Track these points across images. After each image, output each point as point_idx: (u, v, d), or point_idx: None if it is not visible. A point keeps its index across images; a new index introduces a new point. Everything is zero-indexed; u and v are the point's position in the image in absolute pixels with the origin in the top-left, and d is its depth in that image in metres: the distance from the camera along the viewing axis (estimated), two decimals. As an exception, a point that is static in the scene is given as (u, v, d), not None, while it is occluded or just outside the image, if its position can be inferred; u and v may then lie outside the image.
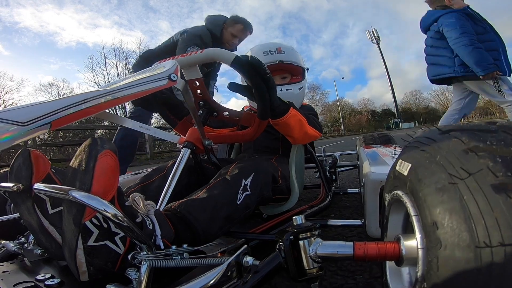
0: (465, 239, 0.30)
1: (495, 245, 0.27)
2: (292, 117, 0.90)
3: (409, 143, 0.49)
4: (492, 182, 0.30)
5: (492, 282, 0.27)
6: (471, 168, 0.32)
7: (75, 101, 0.46)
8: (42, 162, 0.54)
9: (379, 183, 0.85)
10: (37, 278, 0.49)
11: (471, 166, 0.32)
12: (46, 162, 0.55)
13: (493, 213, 0.28)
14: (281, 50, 1.23)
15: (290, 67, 1.24)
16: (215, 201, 0.67)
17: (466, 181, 0.32)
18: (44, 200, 0.53)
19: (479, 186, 0.30)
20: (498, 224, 0.28)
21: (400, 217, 0.55)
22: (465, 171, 0.32)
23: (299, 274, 0.49)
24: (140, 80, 0.58)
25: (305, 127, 0.95)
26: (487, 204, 0.29)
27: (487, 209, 0.29)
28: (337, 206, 1.62)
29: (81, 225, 0.43)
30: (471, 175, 0.31)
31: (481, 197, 0.30)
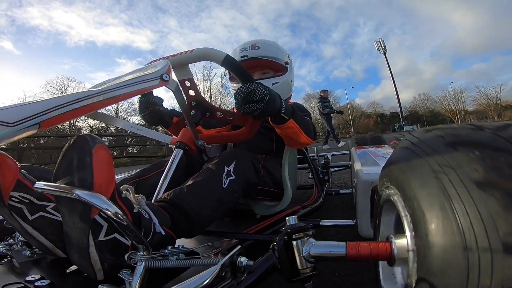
0: (453, 239, 0.30)
1: (481, 244, 0.28)
2: (288, 128, 0.89)
3: (400, 144, 0.49)
4: (474, 177, 0.31)
5: (480, 280, 0.28)
6: (454, 164, 0.33)
7: (65, 101, 0.45)
8: (8, 168, 0.51)
9: (370, 183, 0.86)
10: (26, 279, 0.48)
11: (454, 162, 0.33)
12: (12, 167, 0.52)
13: (478, 211, 0.29)
14: (255, 46, 1.21)
15: (268, 62, 1.22)
16: (201, 186, 0.70)
17: (450, 178, 0.33)
18: (21, 208, 0.52)
19: (462, 182, 0.31)
20: (483, 223, 0.28)
21: (392, 217, 0.55)
22: (449, 167, 0.33)
23: (293, 274, 0.50)
24: (132, 80, 0.57)
25: (300, 138, 0.94)
26: (471, 202, 0.30)
27: (471, 207, 0.30)
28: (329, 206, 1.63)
29: (91, 220, 0.43)
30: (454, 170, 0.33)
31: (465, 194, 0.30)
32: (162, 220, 0.55)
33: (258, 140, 1.16)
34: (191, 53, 0.77)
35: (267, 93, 0.77)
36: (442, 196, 0.32)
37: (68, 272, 0.53)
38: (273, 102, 0.79)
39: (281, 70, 1.25)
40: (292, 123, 0.88)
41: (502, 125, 0.35)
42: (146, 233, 0.50)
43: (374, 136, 2.22)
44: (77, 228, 0.44)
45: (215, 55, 0.76)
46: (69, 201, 0.44)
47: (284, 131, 0.91)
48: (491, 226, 0.28)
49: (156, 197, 0.69)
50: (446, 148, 0.36)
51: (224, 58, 0.76)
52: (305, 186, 1.86)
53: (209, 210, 0.68)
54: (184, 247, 0.50)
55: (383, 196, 0.53)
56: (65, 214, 0.46)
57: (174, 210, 0.61)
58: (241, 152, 0.89)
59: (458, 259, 0.29)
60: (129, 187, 0.53)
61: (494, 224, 0.28)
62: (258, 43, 1.22)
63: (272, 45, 1.26)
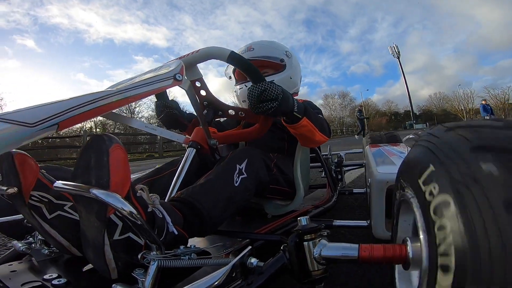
0: (467, 245, 0.29)
1: (496, 252, 0.26)
2: (303, 127, 0.88)
3: (417, 142, 0.47)
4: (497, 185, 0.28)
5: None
6: (474, 170, 0.31)
7: (82, 102, 0.46)
8: (28, 168, 0.53)
9: (385, 183, 0.84)
10: (44, 278, 0.50)
11: (475, 168, 0.31)
12: (32, 167, 0.54)
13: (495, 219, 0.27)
14: (250, 48, 1.21)
15: (262, 62, 1.21)
16: (213, 184, 0.70)
17: (472, 190, 0.30)
18: (40, 207, 0.54)
19: (484, 190, 0.29)
20: (500, 231, 0.27)
21: (410, 219, 0.53)
22: (468, 175, 0.31)
23: (303, 276, 0.49)
24: (146, 80, 0.58)
25: (315, 136, 0.92)
26: (490, 210, 0.28)
27: (489, 215, 0.28)
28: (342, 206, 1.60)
29: (107, 219, 0.44)
30: (475, 180, 0.30)
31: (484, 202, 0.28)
32: (175, 220, 0.56)
33: (270, 139, 1.15)
34: (197, 53, 0.78)
35: (280, 91, 0.76)
36: (459, 201, 0.31)
37: (84, 271, 0.55)
38: (286, 101, 0.78)
39: (278, 68, 1.24)
40: (305, 121, 0.87)
41: None
42: (159, 232, 0.51)
43: (390, 134, 2.17)
44: (93, 227, 0.45)
45: (219, 53, 0.77)
46: (86, 200, 0.45)
47: (298, 130, 0.89)
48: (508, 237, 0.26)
49: (169, 196, 0.70)
50: (468, 153, 0.33)
51: (229, 54, 0.76)
52: (318, 185, 1.84)
53: (221, 208, 0.68)
54: (196, 246, 0.51)
55: (400, 197, 0.52)
56: (82, 213, 0.47)
57: (187, 209, 0.62)
58: (253, 151, 0.89)
59: (471, 266, 0.28)
60: (144, 187, 0.54)
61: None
62: (253, 45, 1.23)
63: (266, 45, 1.26)
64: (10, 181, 0.52)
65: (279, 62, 1.23)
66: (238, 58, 0.77)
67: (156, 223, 0.51)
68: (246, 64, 0.78)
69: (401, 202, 0.52)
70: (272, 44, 1.28)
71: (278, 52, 1.24)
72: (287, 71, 1.24)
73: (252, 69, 0.78)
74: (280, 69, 1.23)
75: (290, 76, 1.25)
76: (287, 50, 1.27)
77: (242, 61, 0.78)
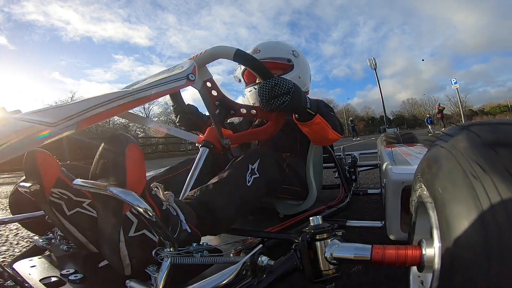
0: (480, 248, 0.28)
1: (509, 257, 0.25)
2: (316, 124, 0.87)
3: (434, 142, 0.46)
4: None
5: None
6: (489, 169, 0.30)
7: (100, 102, 0.48)
8: (50, 166, 0.55)
9: (401, 183, 0.82)
10: (62, 273, 0.52)
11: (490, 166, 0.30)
12: (54, 165, 0.56)
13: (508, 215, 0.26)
14: (257, 50, 1.19)
15: (270, 64, 1.18)
16: (226, 184, 0.71)
17: (485, 185, 0.29)
18: (60, 204, 0.56)
19: (498, 190, 0.28)
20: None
21: (427, 220, 0.52)
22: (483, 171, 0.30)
23: (314, 276, 0.49)
24: (160, 81, 0.60)
25: (328, 134, 0.91)
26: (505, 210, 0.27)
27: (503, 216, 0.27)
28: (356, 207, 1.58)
29: (122, 216, 0.46)
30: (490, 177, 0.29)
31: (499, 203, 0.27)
32: (189, 218, 0.57)
33: (282, 139, 1.15)
34: (204, 54, 0.78)
35: (292, 85, 0.75)
36: (473, 203, 0.30)
37: (99, 267, 0.57)
38: (299, 95, 0.77)
39: (286, 68, 1.21)
40: (319, 118, 0.86)
41: None
42: (173, 229, 0.52)
43: (406, 134, 2.11)
44: (110, 224, 0.47)
45: (225, 51, 0.77)
46: (103, 198, 0.47)
47: (311, 127, 0.88)
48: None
49: (183, 195, 0.71)
50: (482, 150, 0.32)
51: (235, 52, 0.76)
52: (331, 186, 1.81)
53: (234, 208, 0.69)
54: (208, 244, 0.52)
55: (417, 198, 0.50)
56: (99, 210, 0.49)
57: (200, 207, 0.63)
58: (266, 151, 0.89)
59: (484, 270, 0.27)
60: (159, 185, 0.55)
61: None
62: (260, 47, 1.21)
63: (272, 46, 1.24)
64: (32, 178, 0.55)
65: (286, 63, 1.21)
66: (244, 55, 0.77)
67: (170, 221, 0.52)
68: (253, 61, 0.78)
69: (418, 203, 0.51)
70: (278, 44, 1.26)
71: (285, 53, 1.22)
72: (295, 70, 1.21)
73: (259, 66, 0.78)
74: (288, 69, 1.21)
75: (299, 76, 1.23)
76: (294, 49, 1.25)
77: (249, 58, 0.77)
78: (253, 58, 0.79)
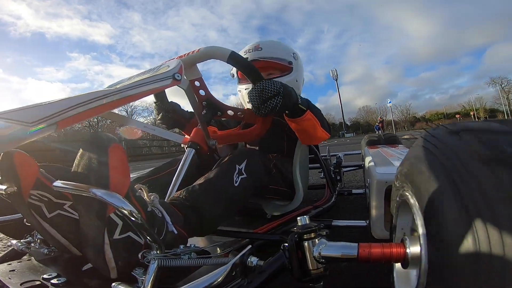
0: (467, 243, 0.29)
1: (495, 250, 0.26)
2: (306, 120, 0.88)
3: (416, 142, 0.48)
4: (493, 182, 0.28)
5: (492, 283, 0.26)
6: (472, 168, 0.31)
7: (81, 101, 0.46)
8: (28, 167, 0.53)
9: (384, 183, 0.84)
10: (43, 277, 0.50)
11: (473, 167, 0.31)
12: (32, 166, 0.53)
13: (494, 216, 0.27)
14: (258, 47, 1.17)
15: (270, 63, 1.17)
16: (213, 184, 0.70)
17: (468, 182, 0.31)
18: (40, 206, 0.54)
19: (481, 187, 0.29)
20: (499, 229, 0.27)
21: (408, 218, 0.54)
22: (466, 171, 0.31)
23: (303, 275, 0.49)
24: (145, 80, 0.58)
25: (318, 132, 0.93)
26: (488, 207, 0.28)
27: (487, 212, 0.28)
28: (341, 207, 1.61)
29: (106, 218, 0.44)
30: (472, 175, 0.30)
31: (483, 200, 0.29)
32: (175, 219, 0.56)
33: (269, 139, 1.16)
34: (197, 53, 0.78)
35: (280, 86, 0.75)
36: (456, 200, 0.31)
37: (83, 270, 0.55)
38: (289, 94, 0.78)
39: (285, 70, 1.20)
40: (310, 114, 0.87)
41: None
42: (159, 231, 0.51)
43: (388, 135, 2.18)
44: (93, 226, 0.45)
45: (220, 53, 0.77)
46: (86, 200, 0.45)
47: (302, 124, 0.89)
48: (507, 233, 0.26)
49: (169, 196, 0.70)
50: (463, 148, 0.34)
51: (229, 55, 0.76)
52: (317, 186, 1.84)
53: (221, 208, 0.68)
54: (195, 246, 0.51)
55: (399, 197, 0.52)
56: (82, 212, 0.47)
57: (186, 208, 0.62)
58: (252, 151, 0.89)
59: (470, 263, 0.28)
60: (142, 186, 0.54)
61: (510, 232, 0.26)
62: (261, 44, 1.19)
63: (275, 46, 1.22)
64: (9, 180, 0.52)
65: (287, 64, 1.19)
66: (238, 58, 0.77)
67: (156, 222, 0.51)
68: (246, 64, 0.78)
69: (400, 202, 0.52)
70: (280, 45, 1.24)
71: (287, 54, 1.20)
72: (293, 73, 1.20)
73: (251, 70, 0.78)
74: (287, 71, 1.19)
75: (296, 79, 1.22)
76: (294, 51, 1.24)
77: (243, 61, 0.78)
78: (247, 62, 0.79)
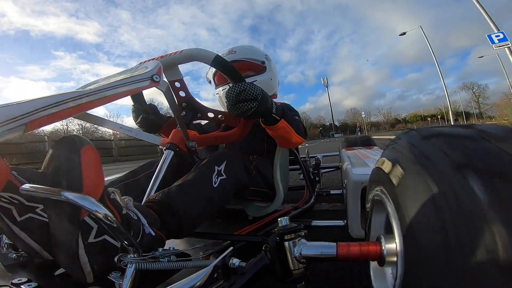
0: (439, 240, 0.30)
1: (467, 248, 0.28)
2: (280, 129, 0.89)
3: (390, 144, 0.50)
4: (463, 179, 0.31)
5: (465, 283, 0.28)
6: (443, 167, 0.33)
7: (54, 102, 0.44)
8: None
9: (360, 184, 0.87)
10: (13, 282, 0.47)
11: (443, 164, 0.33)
12: (3, 167, 0.51)
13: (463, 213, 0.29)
14: (232, 51, 1.25)
15: (245, 64, 1.24)
16: (191, 185, 0.70)
17: (438, 181, 0.32)
18: (9, 209, 0.51)
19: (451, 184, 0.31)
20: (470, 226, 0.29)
21: (382, 217, 0.56)
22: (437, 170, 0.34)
23: (285, 275, 0.50)
24: (122, 81, 0.57)
25: (292, 138, 0.95)
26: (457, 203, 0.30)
27: (458, 209, 0.30)
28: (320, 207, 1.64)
29: (80, 222, 0.42)
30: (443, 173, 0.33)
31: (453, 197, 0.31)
32: (151, 221, 0.55)
33: (249, 141, 1.16)
34: (180, 54, 0.77)
35: (260, 92, 0.76)
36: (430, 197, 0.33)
37: (55, 275, 0.52)
38: (265, 102, 0.78)
39: (260, 70, 1.28)
40: (283, 123, 0.88)
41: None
42: (135, 234, 0.50)
43: (364, 137, 2.26)
44: (66, 231, 0.43)
45: (204, 56, 0.76)
46: (57, 204, 0.43)
47: (276, 131, 0.91)
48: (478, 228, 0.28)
49: (146, 197, 0.68)
50: (433, 148, 0.36)
51: (214, 58, 0.75)
52: (297, 187, 1.87)
53: (199, 209, 0.68)
54: (175, 248, 0.50)
55: (373, 197, 0.54)
56: (52, 216, 0.45)
57: (163, 210, 0.61)
58: (232, 153, 0.89)
59: (443, 260, 0.30)
60: (115, 190, 0.52)
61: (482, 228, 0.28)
62: (235, 48, 1.26)
63: (247, 48, 1.30)
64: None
65: (261, 64, 1.26)
66: (222, 61, 0.77)
67: (132, 225, 0.50)
68: (229, 67, 0.78)
69: (374, 201, 0.54)
70: (252, 47, 1.32)
71: (259, 55, 1.28)
72: (267, 73, 1.28)
73: (235, 72, 0.78)
74: (262, 71, 1.27)
75: (271, 78, 1.30)
76: (266, 54, 1.32)
77: (226, 64, 0.78)
78: (230, 65, 0.79)
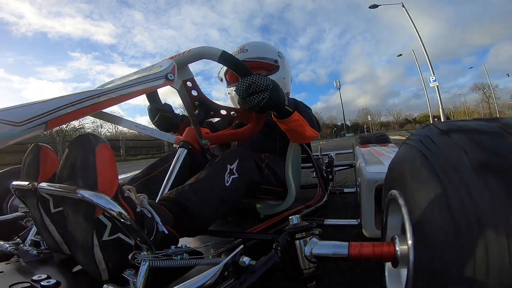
0: (452, 241, 0.30)
1: (480, 249, 0.27)
2: (294, 121, 0.88)
3: (405, 141, 0.48)
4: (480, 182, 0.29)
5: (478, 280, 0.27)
6: (458, 167, 0.32)
7: (71, 101, 0.45)
8: (50, 161, 0.54)
9: (374, 182, 0.85)
10: (33, 279, 0.49)
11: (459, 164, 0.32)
12: (54, 160, 0.55)
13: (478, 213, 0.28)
14: (244, 49, 1.20)
15: (256, 63, 1.20)
16: (204, 184, 0.70)
17: (454, 182, 0.31)
18: (48, 199, 0.53)
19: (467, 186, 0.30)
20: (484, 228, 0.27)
21: (398, 217, 0.54)
22: (453, 169, 0.32)
23: (295, 274, 0.50)
24: (137, 80, 0.58)
25: (306, 131, 0.93)
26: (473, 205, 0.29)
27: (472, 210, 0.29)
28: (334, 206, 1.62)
29: (95, 220, 0.44)
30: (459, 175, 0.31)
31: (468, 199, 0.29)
32: (165, 219, 0.55)
33: (261, 139, 1.16)
34: (188, 53, 0.77)
35: (270, 82, 0.74)
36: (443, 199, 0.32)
37: (74, 272, 0.54)
38: (277, 92, 0.76)
39: (272, 69, 1.23)
40: (297, 115, 0.86)
41: None
42: (149, 232, 0.51)
43: (379, 134, 2.21)
44: (82, 228, 0.44)
45: (211, 53, 0.76)
46: (73, 202, 0.44)
47: (289, 125, 0.89)
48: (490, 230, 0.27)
49: (160, 195, 0.69)
50: (450, 147, 0.34)
51: (221, 54, 0.75)
52: (309, 185, 1.85)
53: (212, 208, 0.68)
54: (187, 246, 0.51)
55: (388, 196, 0.53)
56: (69, 214, 0.47)
57: (177, 208, 0.61)
58: (244, 151, 0.89)
59: (456, 263, 0.29)
60: (131, 187, 0.53)
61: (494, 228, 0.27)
62: (247, 46, 1.22)
63: (260, 46, 1.25)
64: (29, 171, 0.53)
65: (273, 63, 1.22)
66: (229, 57, 0.77)
67: (146, 223, 0.51)
68: (236, 62, 0.78)
69: (389, 200, 0.53)
70: (265, 44, 1.28)
71: (272, 53, 1.24)
72: (280, 72, 1.24)
73: (242, 67, 0.78)
74: (274, 70, 1.23)
75: (283, 77, 1.25)
76: (279, 51, 1.28)
77: (233, 60, 0.77)
78: (237, 60, 0.78)
